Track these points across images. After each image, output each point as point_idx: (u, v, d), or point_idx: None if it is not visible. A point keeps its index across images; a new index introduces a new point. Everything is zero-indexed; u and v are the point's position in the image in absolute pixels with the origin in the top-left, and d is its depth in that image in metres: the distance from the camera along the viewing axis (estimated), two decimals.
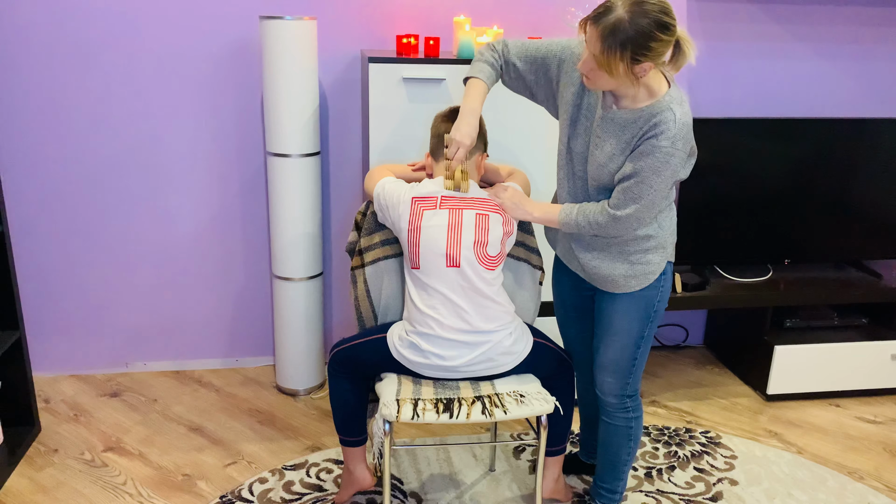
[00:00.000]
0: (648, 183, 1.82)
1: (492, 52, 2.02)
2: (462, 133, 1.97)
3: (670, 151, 1.79)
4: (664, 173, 1.81)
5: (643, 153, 1.80)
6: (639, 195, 1.84)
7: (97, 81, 2.79)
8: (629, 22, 1.66)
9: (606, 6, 1.69)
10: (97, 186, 2.91)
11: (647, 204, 1.85)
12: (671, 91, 1.82)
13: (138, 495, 2.39)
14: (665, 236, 1.99)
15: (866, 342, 3.04)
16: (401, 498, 2.40)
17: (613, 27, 1.67)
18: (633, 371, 2.10)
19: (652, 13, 1.66)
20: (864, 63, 3.22)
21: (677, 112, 1.78)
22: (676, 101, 1.80)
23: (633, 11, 1.66)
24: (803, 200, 3.06)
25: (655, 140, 1.79)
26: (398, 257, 2.24)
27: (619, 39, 1.67)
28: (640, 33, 1.66)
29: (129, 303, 3.08)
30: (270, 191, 2.80)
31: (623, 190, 1.85)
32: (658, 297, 2.03)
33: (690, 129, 1.82)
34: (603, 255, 2.00)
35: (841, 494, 2.49)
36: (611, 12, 1.67)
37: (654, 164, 1.80)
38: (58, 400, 2.93)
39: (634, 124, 1.82)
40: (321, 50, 2.88)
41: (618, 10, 1.67)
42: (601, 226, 1.91)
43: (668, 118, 1.78)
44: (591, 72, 1.77)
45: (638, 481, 2.52)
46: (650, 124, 1.79)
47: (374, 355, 2.12)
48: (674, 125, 1.77)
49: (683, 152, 1.82)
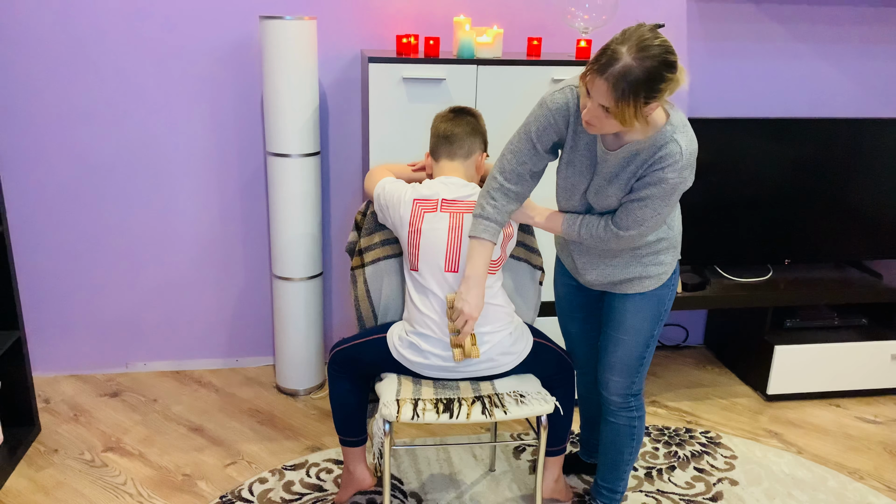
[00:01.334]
0: (654, 208, 1.81)
1: (492, 205, 1.93)
2: (471, 306, 1.92)
3: (678, 181, 1.77)
4: (671, 199, 1.81)
5: (649, 183, 1.78)
6: (643, 219, 1.83)
7: (97, 81, 2.79)
8: (638, 68, 1.60)
9: (609, 56, 1.62)
10: (97, 186, 2.91)
11: (651, 225, 1.85)
12: (672, 119, 1.77)
13: (138, 495, 2.39)
14: (675, 236, 2.00)
15: (866, 342, 3.04)
16: (401, 498, 2.40)
17: (623, 76, 1.60)
18: (640, 370, 2.10)
19: (658, 55, 1.61)
20: (864, 63, 3.22)
21: (682, 142, 1.75)
22: (679, 130, 1.76)
23: (639, 56, 1.60)
24: (803, 200, 3.06)
25: (662, 173, 1.76)
26: (398, 257, 2.24)
27: (632, 87, 1.61)
28: (650, 77, 1.61)
29: (129, 303, 3.08)
30: (270, 191, 2.80)
31: (628, 211, 1.84)
32: (669, 296, 2.04)
33: (696, 154, 1.79)
34: (616, 262, 1.99)
35: (841, 494, 2.49)
36: (616, 61, 1.61)
37: (661, 194, 1.79)
38: (58, 400, 2.93)
39: (638, 157, 1.79)
40: (321, 50, 2.88)
41: (623, 57, 1.60)
42: (603, 240, 1.91)
43: (675, 151, 1.74)
44: (597, 120, 1.71)
45: (638, 481, 2.52)
46: (655, 157, 1.76)
47: (374, 355, 2.12)
48: (680, 157, 1.75)
49: (690, 178, 1.81)
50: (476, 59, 2.57)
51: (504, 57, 2.65)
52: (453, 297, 1.97)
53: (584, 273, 2.07)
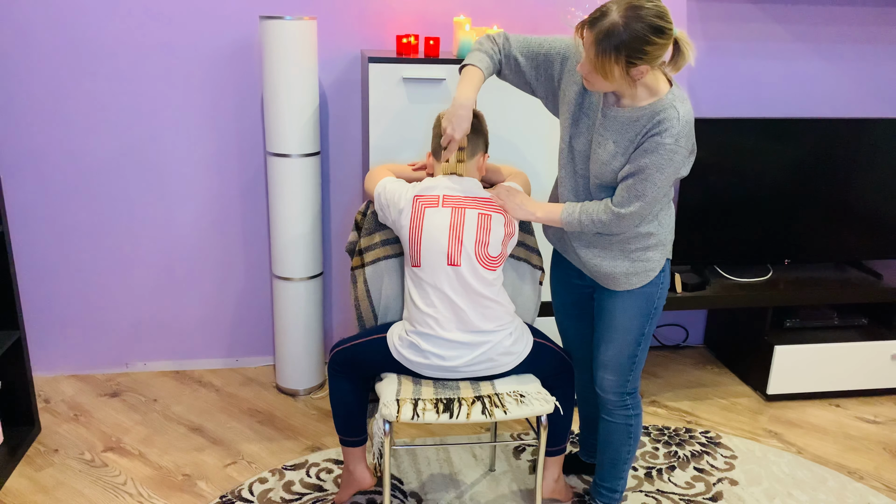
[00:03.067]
0: (652, 180, 1.83)
1: (492, 43, 2.01)
2: (453, 126, 1.97)
3: (674, 149, 1.80)
4: (667, 170, 1.83)
5: (647, 150, 1.81)
6: (642, 192, 1.85)
7: (97, 81, 2.79)
8: (623, 26, 1.67)
9: (602, 11, 1.71)
10: (97, 186, 2.91)
11: (650, 200, 1.87)
12: (673, 90, 1.83)
13: (138, 495, 2.39)
14: (665, 234, 2.00)
15: (866, 342, 3.04)
16: (401, 498, 2.40)
17: (608, 32, 1.69)
18: (634, 368, 2.10)
19: (647, 18, 1.68)
20: (864, 63, 3.22)
21: (680, 110, 1.80)
22: (679, 100, 1.82)
23: (628, 16, 1.67)
24: (803, 200, 3.06)
25: (659, 137, 1.80)
26: (398, 257, 2.24)
27: (614, 44, 1.69)
28: (635, 37, 1.68)
29: (129, 303, 3.08)
30: (270, 191, 2.80)
31: (627, 187, 1.86)
32: (658, 294, 2.05)
33: (692, 127, 1.84)
34: (605, 253, 2.00)
35: (841, 494, 2.49)
36: (606, 17, 1.69)
37: (658, 162, 1.81)
38: (58, 400, 2.93)
39: (637, 122, 1.83)
40: (321, 50, 2.88)
41: (613, 14, 1.69)
42: (604, 223, 1.92)
43: (672, 116, 1.79)
44: (588, 74, 1.79)
45: (638, 481, 2.52)
46: (653, 122, 1.80)
47: (374, 355, 2.12)
48: (677, 122, 1.79)
49: (686, 149, 1.84)
50: None
51: None
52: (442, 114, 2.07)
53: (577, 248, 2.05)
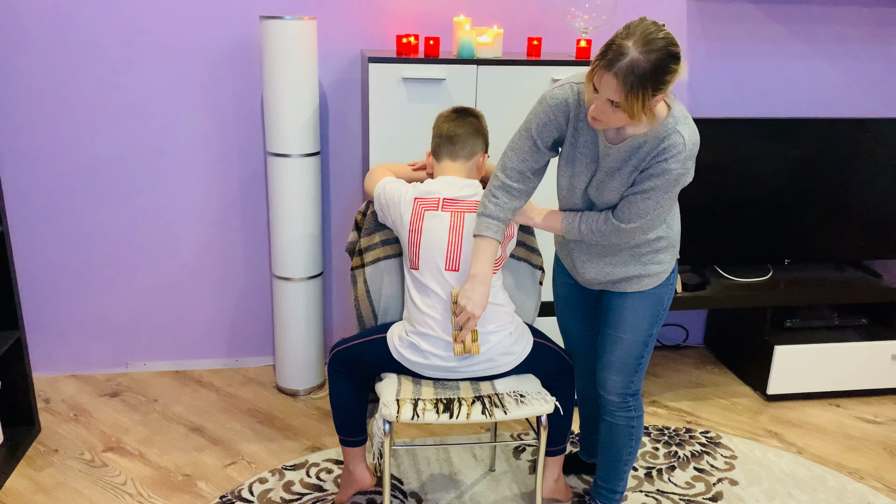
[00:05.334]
0: (656, 200, 1.82)
1: (495, 203, 1.94)
2: (475, 303, 1.93)
3: (681, 171, 1.79)
4: (673, 191, 1.82)
5: (653, 175, 1.80)
6: (645, 211, 1.84)
7: (97, 81, 2.79)
8: (644, 61, 1.62)
9: (615, 51, 1.63)
10: (97, 186, 2.91)
11: (653, 218, 1.86)
12: (674, 111, 1.79)
13: (138, 495, 2.39)
14: (674, 235, 2.00)
15: (866, 342, 3.04)
16: (401, 498, 2.40)
17: (631, 69, 1.62)
18: (639, 370, 2.10)
19: (662, 47, 1.63)
20: (864, 63, 3.22)
21: (685, 133, 1.77)
22: (682, 122, 1.78)
23: (645, 49, 1.62)
24: (803, 200, 3.06)
25: (666, 164, 1.77)
26: (398, 257, 2.24)
27: (641, 80, 1.62)
28: (657, 69, 1.63)
29: (129, 303, 3.08)
30: (270, 191, 2.80)
31: (630, 204, 1.85)
32: (667, 295, 2.05)
33: (698, 145, 1.81)
34: (615, 260, 2.00)
35: (841, 494, 2.49)
36: (623, 56, 1.62)
37: (665, 185, 1.80)
38: (58, 400, 2.93)
39: (641, 149, 1.80)
40: (321, 50, 2.88)
41: (629, 52, 1.62)
42: (604, 234, 1.92)
43: (678, 142, 1.76)
44: (604, 115, 1.72)
45: (638, 481, 2.52)
46: (659, 149, 1.78)
47: (374, 355, 2.12)
48: (684, 148, 1.76)
49: (692, 169, 1.82)
50: (476, 59, 2.57)
51: (504, 57, 2.65)
52: (458, 293, 1.98)
53: (583, 272, 2.07)
